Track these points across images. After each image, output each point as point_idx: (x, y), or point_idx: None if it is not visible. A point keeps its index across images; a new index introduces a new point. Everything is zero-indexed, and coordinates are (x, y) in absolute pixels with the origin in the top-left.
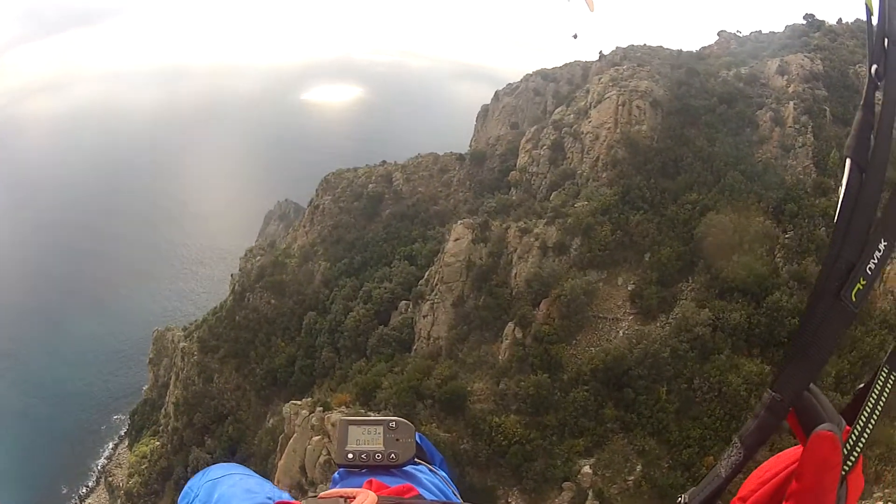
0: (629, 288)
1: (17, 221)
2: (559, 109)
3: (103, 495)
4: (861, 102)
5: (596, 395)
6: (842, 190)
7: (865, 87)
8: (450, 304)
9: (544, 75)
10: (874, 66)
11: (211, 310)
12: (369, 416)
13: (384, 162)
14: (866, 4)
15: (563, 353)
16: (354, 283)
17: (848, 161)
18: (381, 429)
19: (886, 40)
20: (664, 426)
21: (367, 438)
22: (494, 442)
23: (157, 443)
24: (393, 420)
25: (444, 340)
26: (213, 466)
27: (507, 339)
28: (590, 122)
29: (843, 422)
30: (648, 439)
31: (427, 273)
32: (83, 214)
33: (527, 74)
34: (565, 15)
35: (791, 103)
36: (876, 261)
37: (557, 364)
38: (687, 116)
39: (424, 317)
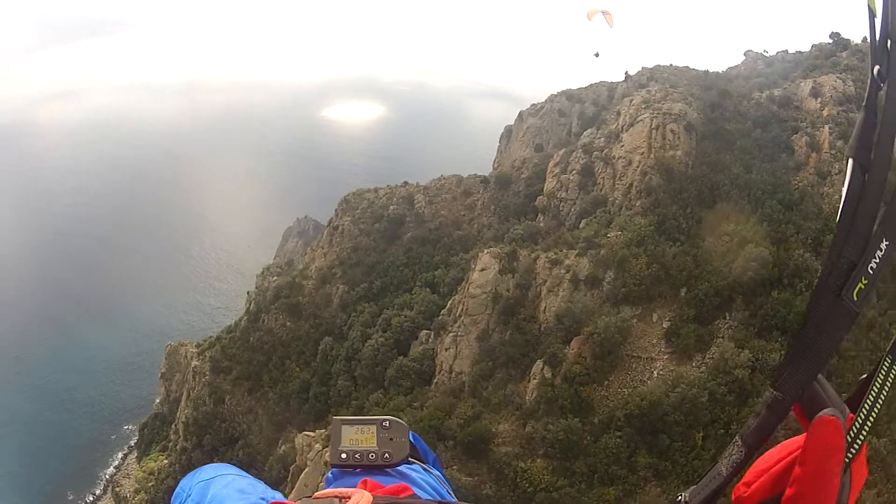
0: (664, 325)
1: (32, 228)
2: (588, 132)
3: None
4: (864, 103)
5: (628, 440)
6: (844, 190)
7: (868, 88)
8: (474, 338)
9: (569, 96)
10: (877, 67)
11: (225, 328)
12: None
13: (406, 183)
14: (869, 6)
15: (594, 395)
16: (373, 308)
17: (850, 161)
18: (374, 428)
19: (889, 42)
20: (700, 475)
21: (360, 438)
22: (519, 488)
23: (165, 461)
24: (386, 419)
25: (468, 376)
26: (204, 467)
27: (534, 379)
28: (622, 146)
29: (847, 410)
30: (683, 489)
31: (450, 302)
32: (99, 223)
33: (551, 95)
34: (587, 34)
35: (826, 127)
36: (878, 261)
37: (588, 407)
38: (721, 141)
39: (447, 349)
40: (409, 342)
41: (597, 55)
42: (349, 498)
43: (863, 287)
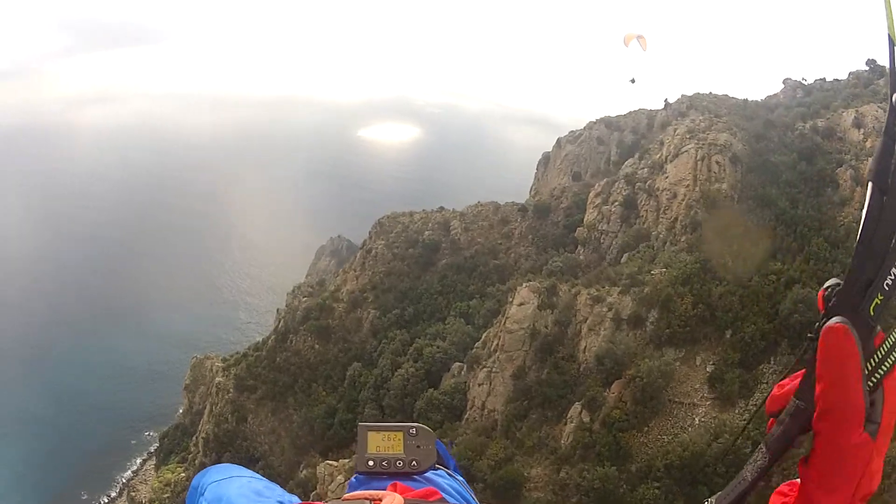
0: (708, 369)
1: (62, 231)
2: (630, 162)
3: None
4: (883, 128)
5: (667, 492)
6: (864, 212)
7: (888, 114)
8: (509, 375)
9: (608, 123)
10: (895, 95)
11: (252, 345)
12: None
13: (442, 208)
14: (889, 35)
15: (633, 442)
16: (404, 336)
17: (870, 184)
18: (401, 435)
19: None
20: None
21: (387, 445)
22: None
23: (183, 474)
24: (413, 426)
25: (501, 415)
26: (215, 466)
27: (571, 422)
28: (666, 177)
29: (877, 326)
30: None
31: (484, 335)
32: (131, 231)
33: (590, 122)
34: (624, 59)
35: (869, 160)
36: (893, 277)
37: (626, 454)
38: (767, 174)
39: (480, 385)
40: (441, 374)
41: (633, 81)
42: (380, 500)
43: (879, 302)
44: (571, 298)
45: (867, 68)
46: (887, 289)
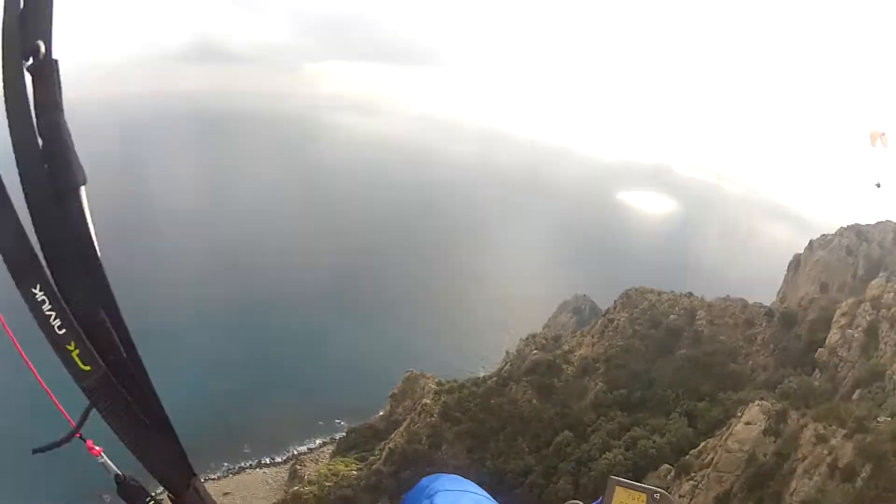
0: None
1: (315, 219)
2: (877, 282)
3: (283, 475)
4: None
5: None
6: None
7: None
8: (713, 497)
9: (858, 231)
10: None
11: (471, 378)
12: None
13: (690, 294)
14: None
15: None
16: (624, 420)
17: None
18: (644, 497)
19: None
20: None
21: (629, 503)
22: None
23: (355, 472)
24: (658, 491)
25: None
26: (447, 475)
27: None
28: None
29: None
30: None
31: (702, 444)
32: (374, 235)
33: (841, 228)
34: (870, 160)
35: None
36: None
37: None
38: None
39: (681, 496)
40: (648, 471)
41: (878, 186)
42: None
43: None
44: (797, 430)
45: None
46: None
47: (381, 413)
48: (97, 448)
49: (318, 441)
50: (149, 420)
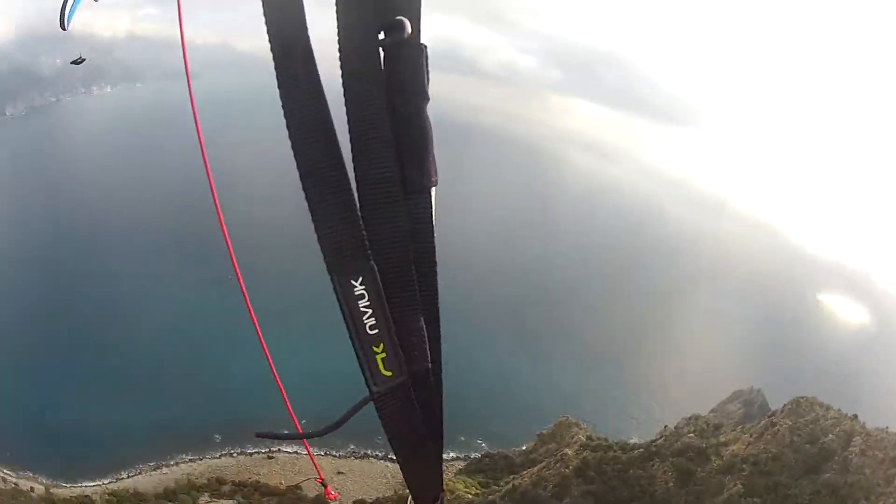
0: None
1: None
2: None
3: None
4: None
5: None
6: None
7: None
8: None
9: None
10: None
11: (619, 441)
12: None
13: (855, 416)
14: None
15: None
16: None
17: None
18: None
19: None
20: None
21: None
22: None
23: (470, 496)
24: None
25: None
26: None
27: None
28: None
29: None
30: None
31: None
32: (562, 270)
33: None
34: None
35: None
36: None
37: None
38: None
39: None
40: None
41: None
42: None
43: None
44: None
45: None
46: None
47: (524, 448)
48: (334, 493)
49: (451, 454)
50: (428, 433)
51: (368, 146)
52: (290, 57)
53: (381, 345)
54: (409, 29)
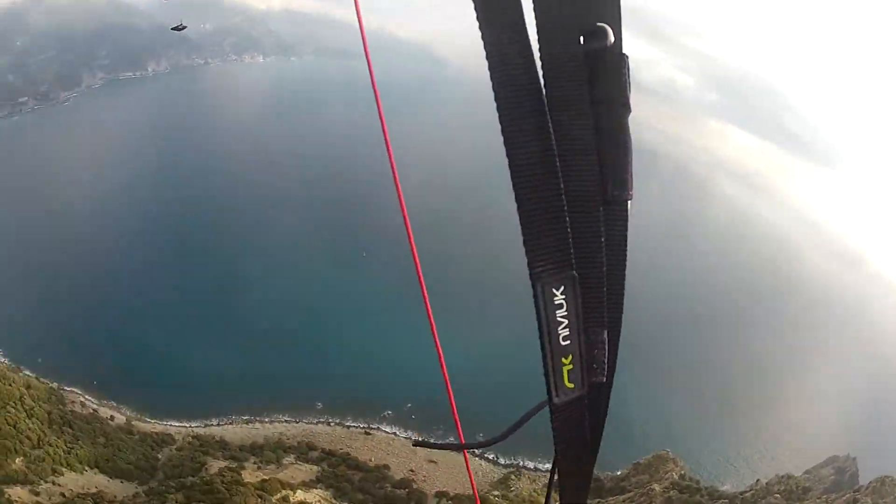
0: None
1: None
2: None
3: (497, 475)
4: None
5: None
6: None
7: None
8: None
9: None
10: None
11: (711, 487)
12: None
13: None
14: None
15: None
16: None
17: None
18: None
19: None
20: None
21: None
22: None
23: None
24: None
25: None
26: None
27: None
28: None
29: None
30: None
31: None
32: (697, 301)
33: None
34: None
35: None
36: None
37: None
38: None
39: None
40: None
41: None
42: None
43: None
44: None
45: None
46: None
47: (619, 472)
48: None
49: (546, 466)
50: (591, 446)
51: (571, 157)
52: (519, 108)
53: (570, 356)
54: (612, 37)
